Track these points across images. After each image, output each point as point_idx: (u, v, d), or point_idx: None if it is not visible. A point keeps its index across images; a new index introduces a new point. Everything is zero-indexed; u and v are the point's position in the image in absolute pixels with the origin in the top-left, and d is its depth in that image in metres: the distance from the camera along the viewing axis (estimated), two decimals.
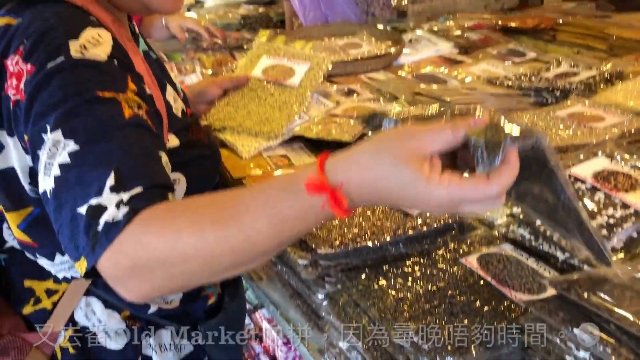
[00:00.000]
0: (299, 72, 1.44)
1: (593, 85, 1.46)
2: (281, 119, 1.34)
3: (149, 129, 0.77)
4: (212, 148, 1.10)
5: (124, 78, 0.79)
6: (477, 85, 1.50)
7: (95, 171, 0.68)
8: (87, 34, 0.79)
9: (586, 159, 0.97)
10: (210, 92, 1.40)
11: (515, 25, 2.21)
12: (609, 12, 2.27)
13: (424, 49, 1.98)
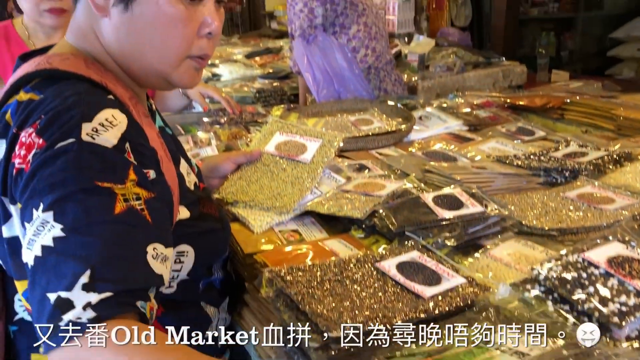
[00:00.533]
0: (311, 149, 1.48)
1: (602, 166, 1.48)
2: (293, 194, 1.36)
3: (139, 223, 0.78)
4: (222, 222, 1.12)
5: (126, 168, 0.80)
6: (486, 164, 1.52)
7: (73, 263, 0.70)
8: (101, 115, 0.81)
9: (600, 244, 0.97)
10: (224, 167, 1.44)
11: (524, 104, 2.26)
12: (616, 92, 2.32)
13: (433, 125, 2.02)
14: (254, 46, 4.28)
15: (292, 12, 2.59)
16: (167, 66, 0.94)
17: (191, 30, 0.92)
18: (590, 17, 5.88)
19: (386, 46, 2.89)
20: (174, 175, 0.94)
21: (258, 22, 6.30)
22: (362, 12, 2.67)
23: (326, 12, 2.59)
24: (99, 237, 0.73)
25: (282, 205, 1.33)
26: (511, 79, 3.62)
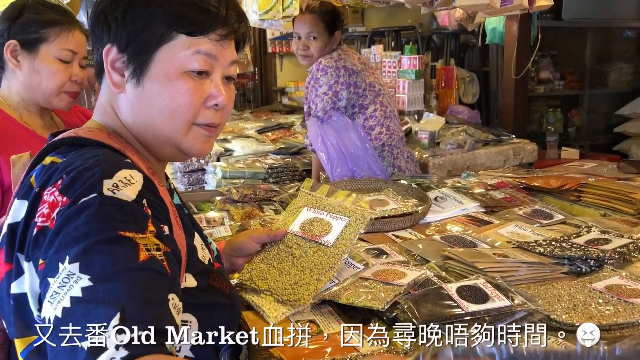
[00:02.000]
0: (336, 229, 1.42)
1: (627, 254, 1.44)
2: (310, 284, 1.31)
3: (161, 271, 0.82)
4: (232, 300, 1.09)
5: (145, 220, 0.84)
6: (508, 252, 1.49)
7: (103, 308, 0.73)
8: (120, 174, 0.86)
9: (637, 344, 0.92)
10: (248, 247, 1.41)
11: (539, 185, 2.24)
12: (631, 173, 2.30)
13: (449, 207, 2.00)
14: (266, 121, 4.35)
15: (315, 94, 2.63)
16: (176, 133, 1.00)
17: (197, 100, 0.98)
18: (595, 95, 5.98)
19: (398, 124, 2.92)
20: (183, 243, 0.96)
21: (270, 98, 6.45)
22: (379, 92, 2.72)
23: (350, 95, 2.65)
24: (126, 282, 0.76)
25: (297, 298, 1.28)
26: (522, 156, 3.63)
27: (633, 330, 1.12)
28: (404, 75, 3.90)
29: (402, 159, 2.81)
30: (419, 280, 1.33)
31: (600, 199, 2.06)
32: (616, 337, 1.10)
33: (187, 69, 0.97)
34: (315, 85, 2.64)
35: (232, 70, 1.05)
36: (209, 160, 3.20)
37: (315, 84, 2.64)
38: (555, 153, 4.49)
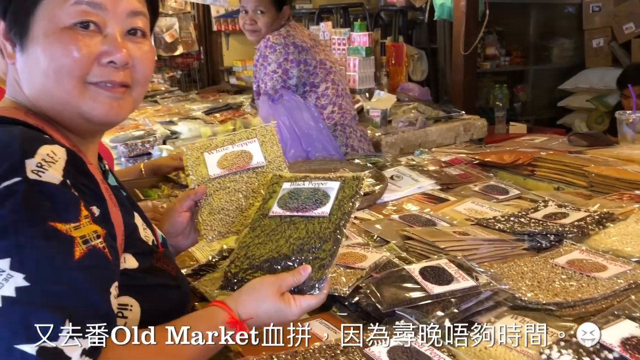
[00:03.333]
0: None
1: (585, 228, 1.43)
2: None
3: (100, 264, 0.80)
4: (179, 281, 1.03)
5: (77, 204, 0.80)
6: (468, 229, 1.46)
7: (46, 313, 0.70)
8: (42, 150, 0.80)
9: (610, 322, 0.90)
10: (179, 221, 1.23)
11: (493, 160, 2.23)
12: (581, 147, 2.33)
13: (406, 185, 1.96)
14: (213, 102, 4.21)
15: (264, 72, 2.54)
16: (68, 94, 0.90)
17: (84, 57, 0.88)
18: (539, 70, 6.10)
19: (350, 102, 2.87)
20: (120, 220, 0.91)
21: (216, 78, 6.27)
22: (330, 70, 2.65)
23: (300, 73, 2.56)
24: (67, 284, 0.74)
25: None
26: (472, 132, 3.65)
27: (596, 305, 1.11)
28: (355, 53, 3.84)
29: (355, 138, 2.76)
30: (380, 263, 1.28)
31: (553, 172, 2.07)
32: (581, 313, 1.09)
33: (68, 24, 0.88)
34: (264, 63, 2.54)
35: (136, 22, 0.94)
36: (155, 144, 3.06)
37: (264, 61, 2.54)
38: (504, 128, 4.56)
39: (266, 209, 1.19)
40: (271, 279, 1.00)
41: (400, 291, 1.12)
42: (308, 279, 1.02)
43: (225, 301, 0.96)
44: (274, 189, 1.23)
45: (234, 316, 0.93)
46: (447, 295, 1.10)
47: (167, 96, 4.64)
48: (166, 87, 5.14)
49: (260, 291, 0.98)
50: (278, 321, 0.98)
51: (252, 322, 0.95)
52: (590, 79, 5.38)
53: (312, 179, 1.21)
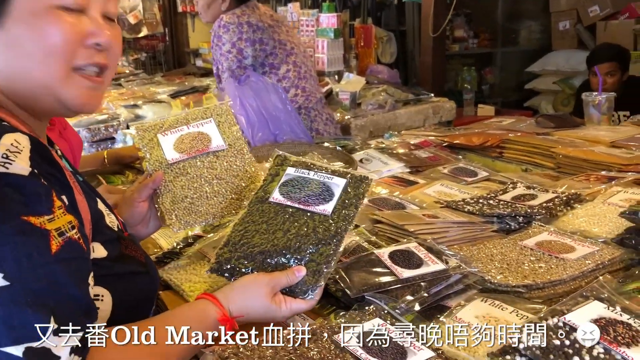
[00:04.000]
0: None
1: (554, 209, 1.44)
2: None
3: (77, 255, 0.78)
4: (148, 268, 1.00)
5: (49, 195, 0.77)
6: (438, 212, 1.45)
7: (30, 312, 0.69)
8: (5, 140, 0.76)
9: (579, 304, 0.89)
10: (137, 210, 1.19)
11: (462, 143, 2.23)
12: (549, 128, 2.34)
13: (375, 168, 1.95)
14: (179, 85, 4.13)
15: (219, 53, 2.47)
16: (53, 79, 0.87)
17: (74, 38, 0.86)
18: (507, 53, 6.14)
19: (315, 85, 2.82)
20: (86, 208, 0.89)
21: (182, 60, 6.13)
22: (291, 51, 2.60)
23: (255, 52, 2.50)
24: (46, 280, 0.72)
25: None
26: (441, 115, 3.66)
27: (565, 287, 1.11)
28: (323, 34, 3.79)
29: (320, 122, 2.72)
30: (349, 247, 1.26)
31: (522, 154, 2.08)
32: (550, 294, 1.09)
33: (57, 3, 0.84)
34: (218, 43, 2.48)
35: (110, 7, 0.93)
36: (119, 128, 2.98)
37: (219, 42, 2.47)
38: (472, 110, 4.59)
39: (267, 192, 1.15)
40: (265, 279, 0.99)
41: (369, 276, 1.10)
42: (301, 282, 1.01)
43: (216, 296, 0.95)
44: (277, 171, 1.19)
45: (225, 313, 0.94)
46: (416, 279, 1.09)
47: (132, 79, 4.53)
48: (131, 70, 5.01)
49: (253, 290, 0.98)
50: (266, 320, 0.98)
51: (242, 319, 0.96)
52: (557, 61, 5.43)
53: (318, 170, 1.17)
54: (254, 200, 1.15)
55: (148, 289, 1.00)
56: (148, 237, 1.34)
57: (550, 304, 1.00)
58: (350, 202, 1.10)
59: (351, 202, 1.10)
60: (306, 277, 1.01)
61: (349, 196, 1.11)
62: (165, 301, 1.18)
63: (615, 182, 1.62)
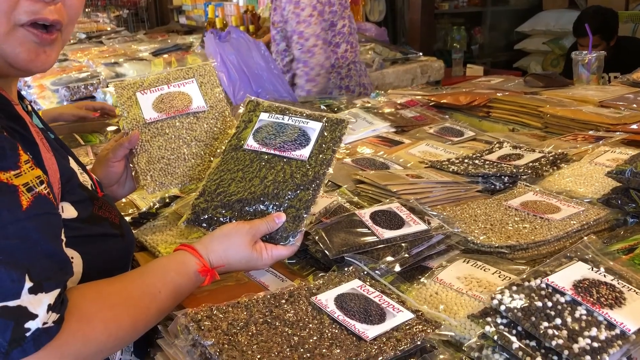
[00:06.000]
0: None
1: (540, 169, 1.41)
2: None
3: (49, 210, 0.75)
4: (122, 230, 0.96)
5: (15, 149, 0.73)
6: (422, 172, 1.41)
7: (4, 270, 0.67)
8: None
9: (563, 265, 0.87)
10: (113, 171, 1.16)
11: (449, 102, 2.19)
12: (537, 88, 2.30)
13: (360, 128, 1.90)
14: (162, 42, 4.01)
15: (296, 21, 2.32)
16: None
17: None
18: (497, 12, 6.05)
19: (357, 39, 2.73)
20: (55, 167, 0.84)
21: (165, 17, 5.98)
22: (346, 5, 2.49)
23: (330, 12, 2.39)
24: (19, 238, 0.70)
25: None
26: (429, 74, 3.60)
27: (549, 247, 1.09)
28: None
29: (364, 76, 2.65)
30: (330, 208, 1.23)
31: (509, 113, 2.04)
32: (534, 255, 1.07)
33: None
34: (296, 10, 2.32)
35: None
36: (98, 86, 2.90)
37: (296, 8, 2.32)
38: (461, 70, 4.53)
39: (241, 139, 1.12)
40: (245, 228, 0.96)
41: (349, 236, 1.07)
42: (282, 229, 0.99)
43: (195, 247, 0.94)
44: (250, 117, 1.16)
45: (205, 264, 0.92)
46: (397, 240, 1.06)
47: (113, 37, 4.40)
48: (112, 27, 4.87)
49: (232, 240, 0.95)
50: (248, 269, 1.00)
51: (223, 269, 0.94)
52: (547, 21, 5.36)
53: (292, 114, 1.14)
54: (228, 148, 1.11)
55: (122, 252, 0.96)
56: (125, 198, 1.30)
57: (534, 265, 0.98)
58: (327, 146, 1.08)
59: (328, 146, 1.08)
60: (286, 224, 1.00)
61: (326, 140, 1.08)
62: (140, 263, 1.15)
63: (602, 141, 1.59)
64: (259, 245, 0.98)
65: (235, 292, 0.98)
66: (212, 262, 0.93)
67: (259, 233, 0.98)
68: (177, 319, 0.88)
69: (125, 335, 0.80)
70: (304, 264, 1.13)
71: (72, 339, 0.71)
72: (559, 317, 0.79)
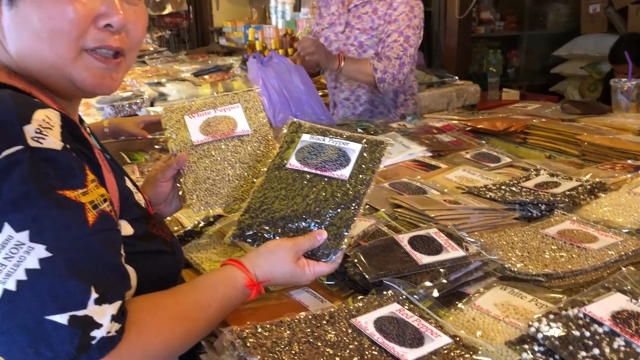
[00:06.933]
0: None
1: (577, 198, 1.42)
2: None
3: (111, 226, 0.81)
4: (174, 247, 1.01)
5: (82, 169, 0.78)
6: (459, 198, 1.44)
7: (73, 282, 0.71)
8: (37, 116, 0.77)
9: (601, 295, 0.88)
10: (161, 191, 1.22)
11: (485, 127, 2.20)
12: (575, 114, 2.30)
13: (397, 152, 1.93)
14: (202, 63, 4.12)
15: (407, 24, 2.27)
16: (61, 59, 0.85)
17: (82, 18, 0.84)
18: (534, 36, 6.02)
19: None
20: (115, 187, 0.90)
21: (206, 38, 6.13)
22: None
23: None
24: (85, 251, 0.74)
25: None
26: (465, 98, 3.61)
27: (586, 277, 1.10)
28: None
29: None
30: (369, 231, 1.26)
31: (546, 140, 2.04)
32: (571, 284, 1.08)
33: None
34: (410, 14, 2.28)
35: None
36: (142, 105, 3.00)
37: (411, 12, 2.28)
38: (497, 94, 4.51)
39: (283, 158, 1.17)
40: (288, 245, 1.02)
41: (388, 260, 1.10)
42: (323, 246, 1.04)
43: (242, 262, 0.98)
44: (293, 138, 1.21)
45: (252, 278, 0.97)
46: (435, 266, 1.08)
47: (156, 57, 4.54)
48: (155, 48, 5.02)
49: (277, 256, 1.00)
50: (291, 284, 1.06)
51: (267, 283, 1.00)
52: (585, 46, 5.31)
53: (333, 136, 1.19)
54: (271, 167, 1.17)
55: (172, 268, 1.01)
56: (171, 216, 1.36)
57: (571, 294, 0.99)
58: (367, 166, 1.12)
59: (368, 167, 1.12)
60: (327, 241, 1.04)
61: (365, 161, 1.13)
62: (185, 279, 1.20)
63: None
64: (301, 261, 1.02)
65: (276, 310, 1.02)
66: (258, 277, 0.98)
67: (302, 250, 1.03)
68: (223, 335, 0.92)
69: (179, 345, 0.85)
70: (342, 285, 1.15)
71: (132, 347, 0.76)
72: (597, 348, 0.81)
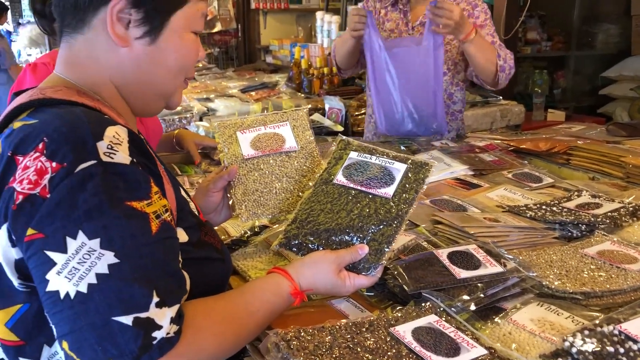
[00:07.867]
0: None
1: (618, 219, 1.42)
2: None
3: (172, 235, 0.88)
4: (224, 254, 1.08)
5: (147, 182, 0.85)
6: (499, 216, 1.46)
7: (137, 286, 0.77)
8: (108, 132, 0.84)
9: (637, 314, 0.90)
10: (211, 200, 1.30)
11: (528, 148, 2.21)
12: (620, 137, 2.28)
13: (438, 170, 1.97)
14: (250, 80, 4.25)
15: (484, 18, 2.33)
16: (174, 87, 1.03)
17: (196, 57, 1.04)
18: (581, 56, 5.95)
19: None
20: (173, 196, 0.96)
21: (253, 56, 6.30)
22: None
23: None
24: (149, 258, 0.80)
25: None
26: (509, 118, 3.61)
27: (625, 297, 1.11)
28: None
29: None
30: (409, 246, 1.30)
31: (589, 162, 2.04)
32: (609, 304, 1.09)
33: (194, 29, 1.01)
34: (490, 20, 2.33)
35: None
36: (192, 120, 3.12)
37: (490, 20, 2.34)
38: (542, 115, 4.48)
39: (331, 174, 1.24)
40: (332, 257, 1.07)
41: (427, 274, 1.14)
42: (364, 260, 1.08)
43: (288, 270, 1.04)
44: (341, 155, 1.27)
45: (296, 286, 1.02)
46: (474, 280, 1.11)
47: (205, 73, 4.70)
48: (204, 64, 5.20)
49: (320, 267, 1.06)
50: (332, 294, 1.12)
51: (310, 293, 1.06)
52: (636, 67, 5.21)
53: (379, 155, 1.24)
54: (319, 181, 1.23)
55: (222, 274, 1.08)
56: (218, 225, 1.44)
57: (608, 313, 1.01)
58: (410, 186, 1.16)
59: (412, 187, 1.16)
60: (368, 255, 1.09)
61: (410, 181, 1.17)
62: (232, 286, 1.26)
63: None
64: (343, 273, 1.08)
65: (317, 317, 1.07)
66: (302, 286, 1.03)
67: (344, 262, 1.08)
68: (268, 337, 0.97)
69: (230, 347, 0.91)
70: (381, 297, 1.20)
71: (188, 348, 0.82)
72: None
